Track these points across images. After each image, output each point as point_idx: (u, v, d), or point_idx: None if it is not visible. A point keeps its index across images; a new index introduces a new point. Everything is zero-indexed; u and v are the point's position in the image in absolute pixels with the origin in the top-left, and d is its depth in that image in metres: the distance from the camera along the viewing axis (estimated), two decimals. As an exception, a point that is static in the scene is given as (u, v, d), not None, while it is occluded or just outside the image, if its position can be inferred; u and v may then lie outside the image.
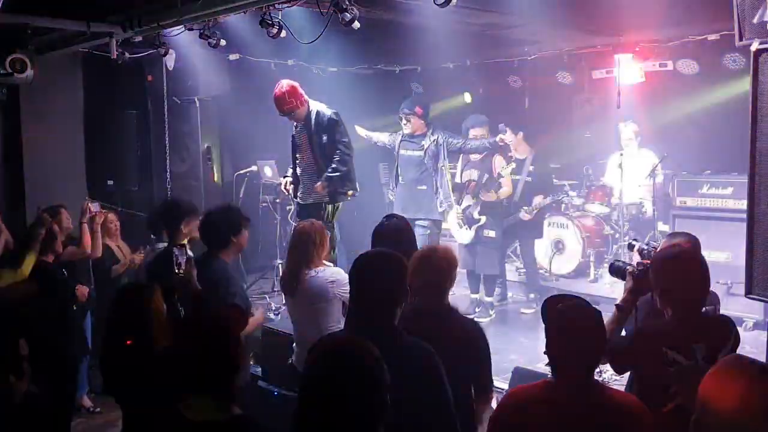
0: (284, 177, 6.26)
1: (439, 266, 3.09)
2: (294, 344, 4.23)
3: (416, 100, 6.68)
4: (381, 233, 3.78)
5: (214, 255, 3.90)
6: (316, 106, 5.79)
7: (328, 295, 3.91)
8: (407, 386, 2.18)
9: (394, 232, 3.75)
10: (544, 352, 2.42)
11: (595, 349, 2.38)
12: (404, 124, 6.43)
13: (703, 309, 3.13)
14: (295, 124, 5.86)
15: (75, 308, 4.90)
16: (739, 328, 5.57)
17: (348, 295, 3.66)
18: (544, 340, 2.44)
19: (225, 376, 2.24)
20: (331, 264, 4.15)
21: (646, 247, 3.42)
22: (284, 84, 5.65)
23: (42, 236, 4.55)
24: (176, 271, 3.55)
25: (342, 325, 3.48)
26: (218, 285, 3.74)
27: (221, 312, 2.40)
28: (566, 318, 2.39)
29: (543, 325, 2.47)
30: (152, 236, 5.47)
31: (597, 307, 2.48)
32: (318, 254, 3.99)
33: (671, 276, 2.87)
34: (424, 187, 6.35)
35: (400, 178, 6.54)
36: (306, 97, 5.73)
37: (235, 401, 2.26)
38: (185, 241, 4.18)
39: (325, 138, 5.67)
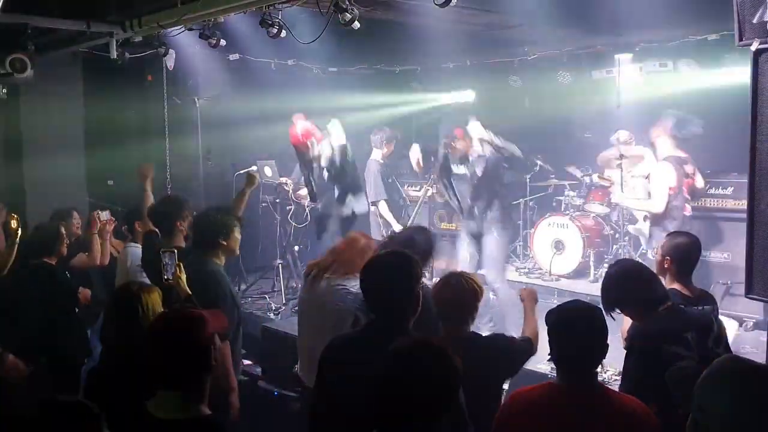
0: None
1: (463, 292, 3.00)
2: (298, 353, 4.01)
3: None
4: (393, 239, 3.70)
5: (204, 256, 3.84)
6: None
7: (342, 304, 3.61)
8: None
9: (405, 239, 3.64)
10: (549, 354, 2.42)
11: (598, 351, 2.38)
12: (450, 152, 5.99)
13: (702, 308, 3.21)
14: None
15: (78, 310, 4.89)
16: (739, 328, 5.64)
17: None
18: (546, 340, 2.44)
19: (193, 375, 2.23)
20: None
21: None
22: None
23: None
24: (165, 277, 3.44)
25: None
26: (208, 287, 3.66)
27: (191, 312, 2.39)
28: (569, 319, 2.39)
29: (545, 325, 2.48)
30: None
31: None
32: (355, 267, 3.68)
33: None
34: (483, 204, 5.92)
35: (457, 198, 6.14)
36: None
37: (204, 401, 2.25)
38: (182, 244, 4.16)
39: None
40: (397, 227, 6.95)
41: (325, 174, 6.60)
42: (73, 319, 4.71)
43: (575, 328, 2.36)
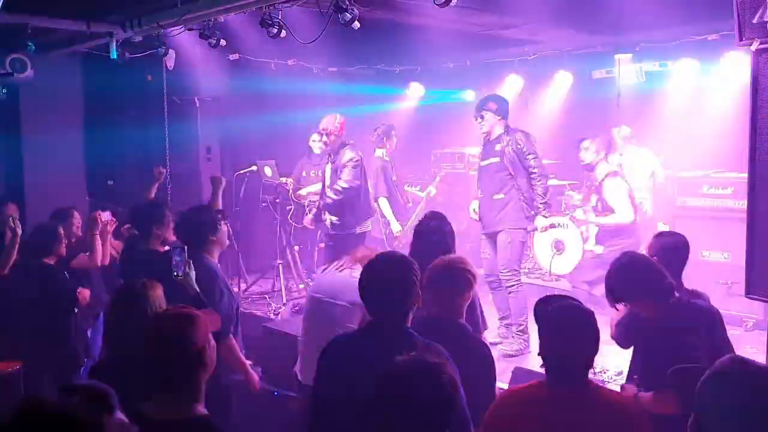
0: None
1: (456, 277, 2.97)
2: (299, 353, 4.01)
3: (490, 96, 5.97)
4: (421, 232, 3.67)
5: (196, 255, 3.81)
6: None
7: (354, 298, 3.41)
8: None
9: (434, 233, 3.63)
10: (539, 353, 2.41)
11: (589, 349, 2.35)
12: (480, 124, 5.76)
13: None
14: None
15: (77, 310, 4.89)
16: (739, 328, 5.64)
17: None
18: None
19: (188, 375, 2.23)
20: None
21: None
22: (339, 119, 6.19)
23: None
24: (175, 273, 3.42)
25: None
26: (204, 283, 3.64)
27: (185, 312, 2.38)
28: (559, 318, 2.38)
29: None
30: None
31: (596, 307, 2.48)
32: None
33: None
34: (502, 196, 5.61)
35: (479, 192, 5.89)
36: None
37: (200, 401, 2.25)
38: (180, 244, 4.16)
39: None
40: (396, 227, 6.94)
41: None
42: (72, 320, 4.70)
43: (566, 329, 2.34)
